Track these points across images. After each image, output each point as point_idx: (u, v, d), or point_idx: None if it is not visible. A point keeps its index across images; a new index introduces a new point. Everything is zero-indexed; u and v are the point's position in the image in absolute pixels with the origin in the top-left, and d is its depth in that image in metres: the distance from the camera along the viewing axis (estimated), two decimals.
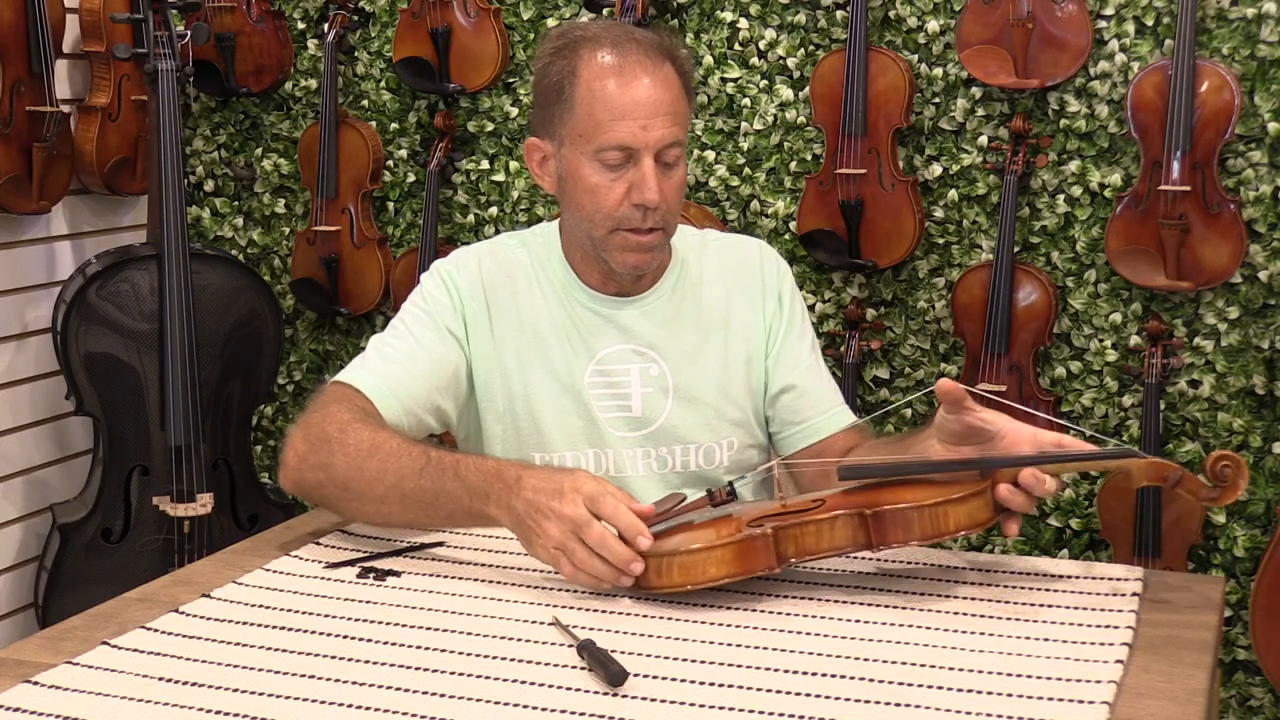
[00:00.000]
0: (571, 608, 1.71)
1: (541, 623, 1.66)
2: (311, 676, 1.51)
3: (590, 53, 2.06)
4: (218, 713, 1.42)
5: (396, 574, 1.82)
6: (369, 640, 1.61)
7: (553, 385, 2.13)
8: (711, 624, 1.66)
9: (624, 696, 1.47)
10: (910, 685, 1.50)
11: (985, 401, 1.85)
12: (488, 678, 1.51)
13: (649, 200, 2.03)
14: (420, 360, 2.09)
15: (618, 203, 2.05)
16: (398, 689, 1.48)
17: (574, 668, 1.53)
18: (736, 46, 3.47)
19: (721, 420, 2.17)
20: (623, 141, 2.03)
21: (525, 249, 2.20)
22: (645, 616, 1.69)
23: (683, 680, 1.51)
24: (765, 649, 1.59)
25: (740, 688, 1.49)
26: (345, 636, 1.62)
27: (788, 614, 1.70)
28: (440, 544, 1.93)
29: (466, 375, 2.14)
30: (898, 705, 1.45)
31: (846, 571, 1.85)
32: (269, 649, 1.58)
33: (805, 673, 1.52)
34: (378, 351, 2.10)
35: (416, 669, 1.53)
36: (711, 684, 1.50)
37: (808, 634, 1.64)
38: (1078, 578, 1.83)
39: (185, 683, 1.49)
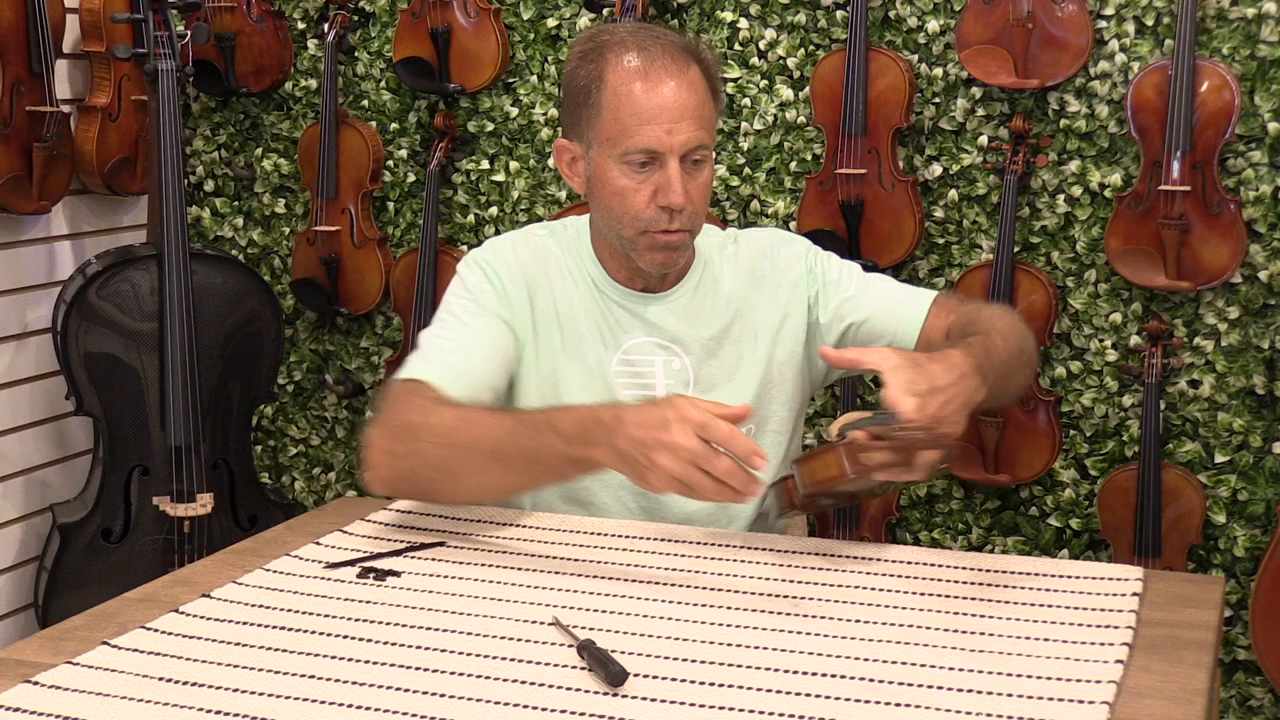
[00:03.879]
0: (571, 608, 1.71)
1: (541, 623, 1.66)
2: (311, 676, 1.51)
3: (616, 56, 2.08)
4: (218, 713, 1.43)
5: (396, 574, 1.82)
6: (369, 640, 1.61)
7: (582, 373, 2.16)
8: (711, 624, 1.66)
9: (624, 696, 1.47)
10: (910, 685, 1.50)
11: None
12: (488, 678, 1.51)
13: (674, 203, 2.06)
14: (478, 346, 2.10)
15: (644, 205, 2.08)
16: (398, 689, 1.48)
17: (574, 668, 1.53)
18: (736, 46, 3.47)
19: None
20: (648, 146, 2.05)
21: (555, 240, 2.23)
22: (645, 617, 1.69)
23: (683, 680, 1.51)
24: (765, 649, 1.59)
25: (740, 688, 1.49)
26: (345, 636, 1.62)
27: (788, 614, 1.70)
28: (440, 544, 1.93)
29: (516, 357, 2.16)
30: (898, 705, 1.45)
31: (846, 571, 1.85)
32: (269, 649, 1.58)
33: (805, 673, 1.52)
34: (433, 345, 2.11)
35: (416, 669, 1.53)
36: (711, 684, 1.50)
37: (808, 634, 1.64)
38: (1078, 578, 1.83)
39: (185, 683, 1.49)
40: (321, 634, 1.63)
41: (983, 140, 3.34)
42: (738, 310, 2.21)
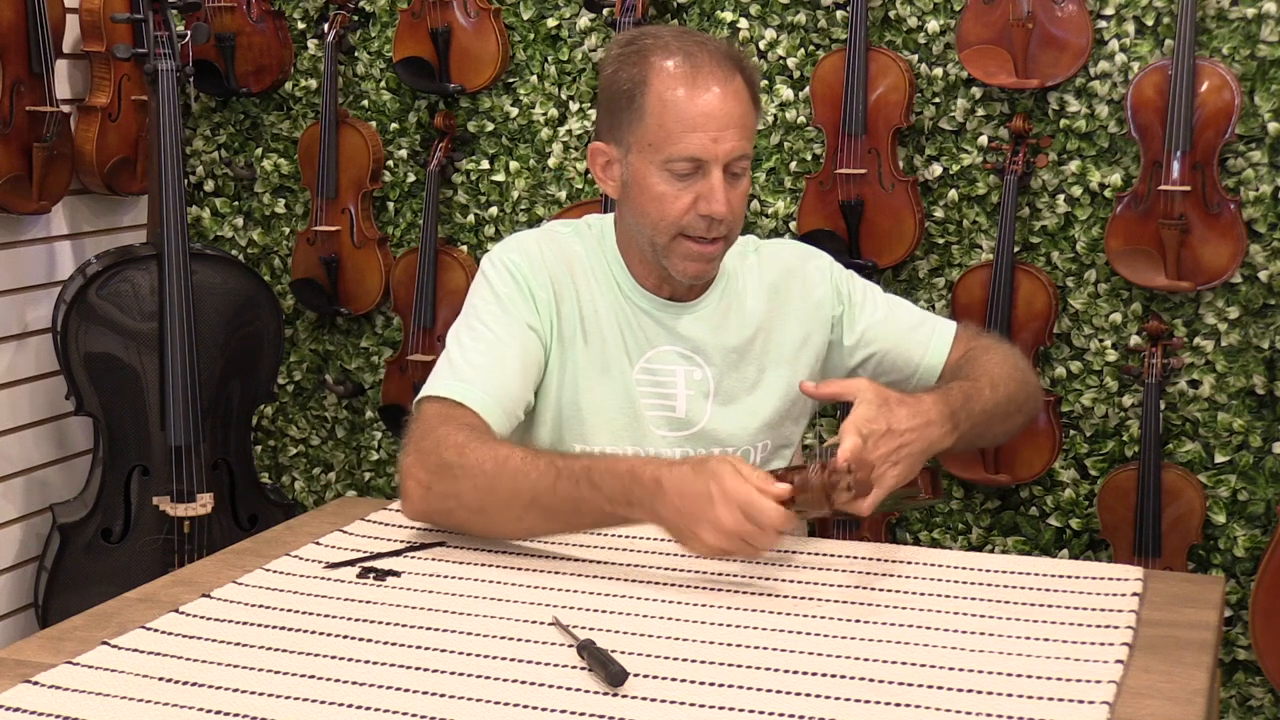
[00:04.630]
0: (571, 608, 1.71)
1: (541, 623, 1.66)
2: (311, 676, 1.51)
3: (660, 60, 2.05)
4: (218, 713, 1.43)
5: (396, 574, 1.82)
6: (369, 640, 1.61)
7: (602, 377, 2.14)
8: (711, 624, 1.66)
9: (624, 696, 1.47)
10: (910, 685, 1.50)
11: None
12: (488, 678, 1.51)
13: (717, 212, 2.04)
14: (510, 361, 2.07)
15: (684, 211, 2.05)
16: (398, 689, 1.48)
17: (574, 668, 1.53)
18: (736, 47, 3.46)
19: (757, 423, 2.19)
20: (693, 153, 2.03)
21: (579, 239, 2.20)
22: (645, 617, 1.69)
23: (683, 680, 1.51)
24: (765, 649, 1.59)
25: (740, 688, 1.49)
26: (345, 636, 1.62)
27: (788, 614, 1.70)
28: (440, 544, 1.93)
29: (544, 365, 2.14)
30: (898, 705, 1.45)
31: (847, 571, 1.85)
32: (269, 649, 1.58)
33: (805, 673, 1.52)
34: (464, 358, 2.06)
35: (416, 669, 1.53)
36: (711, 684, 1.50)
37: (808, 634, 1.64)
38: (1078, 578, 1.83)
39: (185, 683, 1.49)
40: (321, 634, 1.63)
41: (983, 140, 3.34)
42: (760, 325, 2.20)
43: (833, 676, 1.52)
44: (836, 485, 1.76)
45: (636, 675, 1.51)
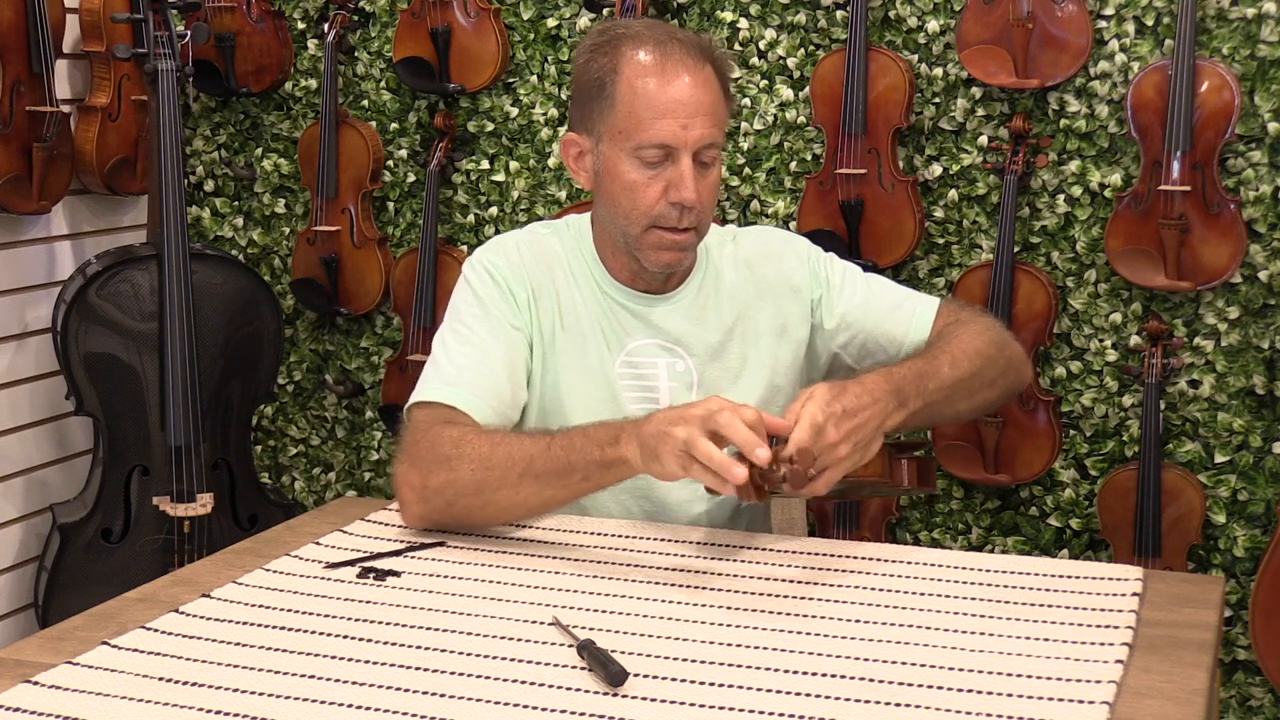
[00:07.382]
0: (571, 608, 1.71)
1: (541, 623, 1.66)
2: (311, 676, 1.51)
3: (632, 50, 2.07)
4: (218, 713, 1.43)
5: (396, 574, 1.82)
6: (369, 640, 1.61)
7: (584, 374, 2.15)
8: (711, 624, 1.66)
9: (624, 696, 1.47)
10: (910, 685, 1.50)
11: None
12: (488, 678, 1.51)
13: (686, 199, 2.05)
14: (496, 362, 2.08)
15: (655, 200, 2.06)
16: (398, 689, 1.48)
17: (574, 668, 1.53)
18: (736, 46, 3.47)
19: None
20: (663, 140, 2.04)
21: (558, 239, 2.21)
22: (645, 617, 1.69)
23: (683, 680, 1.51)
24: (765, 649, 1.59)
25: (740, 688, 1.49)
26: (345, 636, 1.62)
27: (788, 614, 1.70)
28: (440, 544, 1.93)
29: (530, 360, 2.15)
30: (898, 705, 1.45)
31: (846, 571, 1.85)
32: (269, 649, 1.59)
33: (805, 673, 1.52)
34: (449, 361, 2.08)
35: (416, 669, 1.53)
36: (711, 684, 1.50)
37: (808, 634, 1.64)
38: (1078, 578, 1.83)
39: (185, 683, 1.50)
40: (321, 634, 1.63)
41: (983, 140, 3.34)
42: (740, 313, 2.20)
43: (833, 676, 1.52)
44: (770, 475, 1.77)
45: (636, 675, 1.51)
